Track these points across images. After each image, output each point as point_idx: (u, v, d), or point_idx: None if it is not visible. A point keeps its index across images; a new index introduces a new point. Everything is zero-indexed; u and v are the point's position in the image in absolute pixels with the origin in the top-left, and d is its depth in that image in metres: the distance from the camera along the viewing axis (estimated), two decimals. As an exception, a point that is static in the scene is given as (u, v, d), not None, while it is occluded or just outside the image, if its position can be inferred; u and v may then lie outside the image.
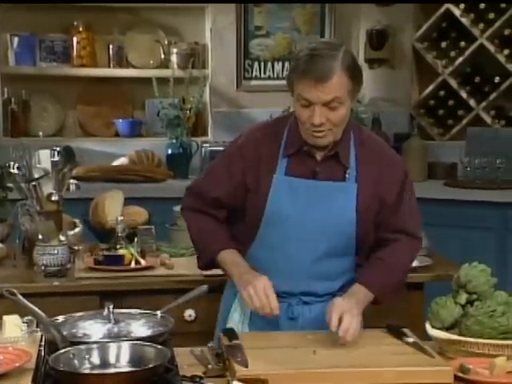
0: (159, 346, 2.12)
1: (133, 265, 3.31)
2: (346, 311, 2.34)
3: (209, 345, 2.35)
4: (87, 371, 2.05)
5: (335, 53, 2.39)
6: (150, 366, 2.02)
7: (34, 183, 3.31)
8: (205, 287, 2.52)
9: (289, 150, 2.55)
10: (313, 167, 2.54)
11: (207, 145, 5.40)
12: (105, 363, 2.09)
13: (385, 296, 2.57)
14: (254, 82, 5.72)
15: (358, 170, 2.55)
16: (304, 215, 2.52)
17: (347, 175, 2.54)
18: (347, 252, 2.58)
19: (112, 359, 2.10)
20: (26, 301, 2.23)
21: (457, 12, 5.52)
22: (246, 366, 2.09)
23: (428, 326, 2.37)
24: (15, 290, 2.25)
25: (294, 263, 2.55)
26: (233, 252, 2.61)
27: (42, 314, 2.22)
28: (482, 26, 5.48)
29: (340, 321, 2.32)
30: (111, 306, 2.31)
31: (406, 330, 2.39)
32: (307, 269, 2.55)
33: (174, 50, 5.60)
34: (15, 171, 3.33)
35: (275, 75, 5.70)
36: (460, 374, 2.12)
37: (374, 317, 3.24)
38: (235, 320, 2.65)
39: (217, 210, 2.65)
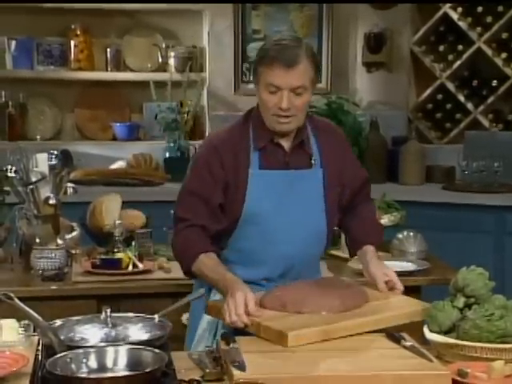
0: (156, 350, 2.12)
1: (130, 268, 3.32)
2: (387, 270, 2.68)
3: (206, 349, 2.34)
4: (84, 375, 2.05)
5: (299, 43, 2.57)
6: (148, 370, 2.02)
7: (31, 187, 3.31)
8: (202, 291, 2.52)
9: (259, 144, 2.63)
10: (283, 158, 2.66)
11: (205, 148, 5.40)
12: (102, 367, 2.09)
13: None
14: (251, 86, 5.69)
15: (322, 156, 2.69)
16: (280, 206, 2.63)
17: (313, 161, 2.68)
18: (319, 237, 2.73)
19: (109, 363, 2.10)
20: (23, 305, 2.23)
21: (454, 16, 5.53)
22: (244, 370, 2.08)
23: (426, 330, 2.37)
24: (12, 294, 2.24)
25: (274, 252, 2.63)
26: (213, 256, 2.60)
27: (40, 318, 2.21)
28: (479, 29, 5.48)
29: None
30: (108, 310, 2.31)
31: (403, 334, 2.38)
32: (286, 257, 2.65)
33: (172, 54, 5.60)
34: (12, 175, 3.33)
35: (273, 79, 5.69)
36: (458, 378, 2.11)
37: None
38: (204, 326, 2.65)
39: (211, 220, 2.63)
